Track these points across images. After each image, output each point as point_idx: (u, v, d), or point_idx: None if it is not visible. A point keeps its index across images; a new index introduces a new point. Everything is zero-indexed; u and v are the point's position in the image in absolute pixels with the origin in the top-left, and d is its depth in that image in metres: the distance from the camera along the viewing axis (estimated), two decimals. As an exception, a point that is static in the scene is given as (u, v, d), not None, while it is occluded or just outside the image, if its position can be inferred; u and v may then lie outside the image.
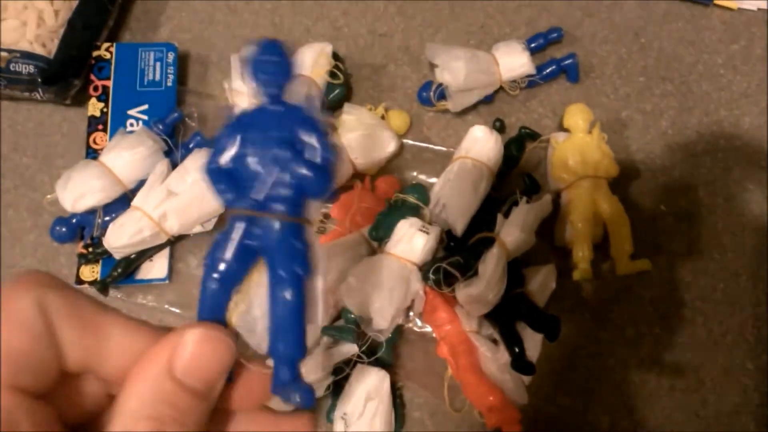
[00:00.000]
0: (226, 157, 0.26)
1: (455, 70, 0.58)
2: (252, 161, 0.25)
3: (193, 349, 0.23)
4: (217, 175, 0.26)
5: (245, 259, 0.25)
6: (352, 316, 0.51)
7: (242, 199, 0.25)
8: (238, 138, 0.26)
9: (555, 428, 0.53)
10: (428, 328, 0.54)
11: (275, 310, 0.25)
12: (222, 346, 0.24)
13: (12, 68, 0.57)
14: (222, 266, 0.25)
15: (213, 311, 0.25)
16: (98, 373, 0.24)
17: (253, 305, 0.26)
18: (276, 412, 0.27)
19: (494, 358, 0.50)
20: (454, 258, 0.50)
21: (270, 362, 0.26)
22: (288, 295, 0.25)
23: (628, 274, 0.55)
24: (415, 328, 0.55)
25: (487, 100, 0.62)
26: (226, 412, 0.26)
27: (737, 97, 0.63)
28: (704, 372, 0.54)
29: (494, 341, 0.51)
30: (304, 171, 0.25)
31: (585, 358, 0.55)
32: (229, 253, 0.25)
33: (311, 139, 0.25)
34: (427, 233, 0.51)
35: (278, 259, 0.25)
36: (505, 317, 0.50)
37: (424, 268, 0.52)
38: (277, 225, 0.25)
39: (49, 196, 0.56)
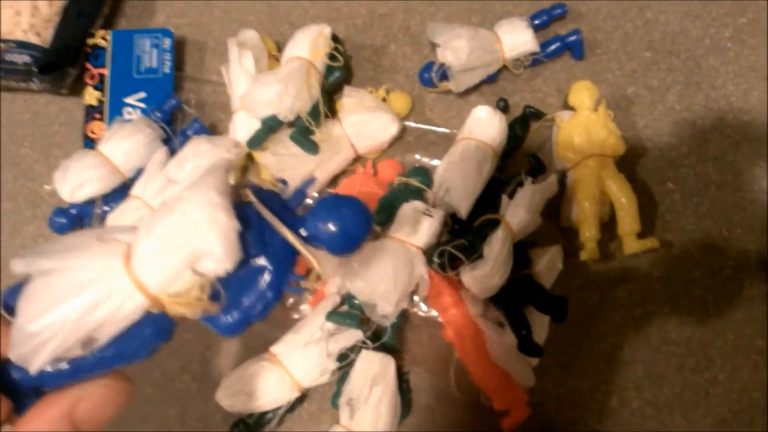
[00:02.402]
0: None
1: (457, 48, 0.57)
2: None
3: (97, 400, 0.24)
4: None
5: None
6: (357, 301, 0.50)
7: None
8: None
9: (563, 409, 0.52)
10: (433, 313, 0.54)
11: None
12: (122, 397, 0.25)
13: (7, 58, 0.56)
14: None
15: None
16: None
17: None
18: None
19: (500, 341, 0.49)
20: (458, 241, 0.50)
21: None
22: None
23: (636, 253, 0.54)
24: (420, 313, 0.54)
25: (491, 79, 0.61)
26: None
27: (745, 71, 0.62)
28: (714, 350, 0.54)
29: (500, 324, 0.51)
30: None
31: (593, 339, 0.54)
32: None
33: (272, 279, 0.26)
34: (431, 216, 0.51)
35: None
36: (512, 299, 0.49)
37: (428, 252, 0.51)
38: None
39: (47, 187, 0.55)
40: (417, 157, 0.60)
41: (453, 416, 0.52)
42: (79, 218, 0.55)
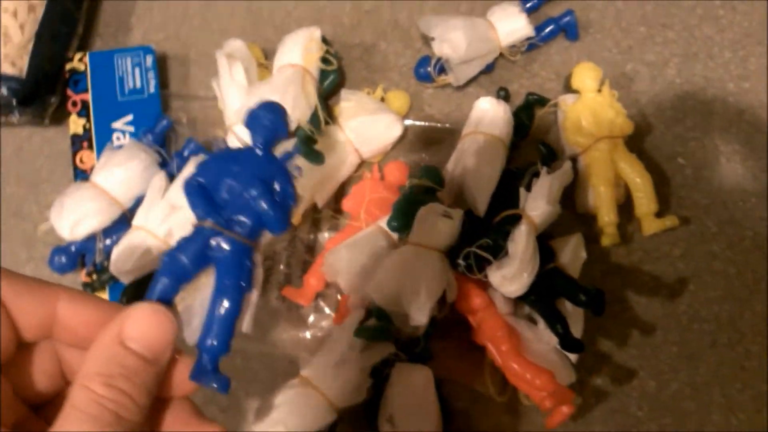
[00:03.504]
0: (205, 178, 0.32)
1: (455, 41, 0.55)
2: (227, 188, 0.31)
3: (140, 321, 0.27)
4: (195, 191, 0.31)
5: (199, 263, 0.30)
6: (384, 313, 0.48)
7: (211, 215, 0.30)
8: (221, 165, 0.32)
9: (602, 400, 0.52)
10: (461, 316, 0.52)
11: (214, 311, 0.30)
12: (165, 320, 0.28)
13: (-18, 93, 0.53)
14: (179, 265, 0.30)
15: (161, 300, 0.29)
16: (55, 338, 0.28)
17: (196, 302, 0.30)
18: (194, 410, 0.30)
19: (536, 339, 0.48)
20: (482, 240, 0.48)
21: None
22: (228, 302, 0.30)
23: (655, 233, 0.53)
24: (448, 318, 0.53)
25: (487, 69, 0.59)
26: (160, 399, 0.29)
27: (740, 38, 0.61)
28: (744, 322, 0.53)
29: (533, 321, 0.50)
30: (265, 207, 0.31)
31: (622, 325, 0.53)
32: (188, 255, 0.30)
33: (281, 186, 0.32)
34: (450, 218, 0.49)
35: (228, 270, 0.30)
36: (543, 296, 0.48)
37: (451, 254, 0.49)
38: (233, 243, 0.30)
39: (42, 226, 0.52)
40: (422, 155, 0.58)
41: (492, 419, 0.51)
42: (80, 255, 0.52)
